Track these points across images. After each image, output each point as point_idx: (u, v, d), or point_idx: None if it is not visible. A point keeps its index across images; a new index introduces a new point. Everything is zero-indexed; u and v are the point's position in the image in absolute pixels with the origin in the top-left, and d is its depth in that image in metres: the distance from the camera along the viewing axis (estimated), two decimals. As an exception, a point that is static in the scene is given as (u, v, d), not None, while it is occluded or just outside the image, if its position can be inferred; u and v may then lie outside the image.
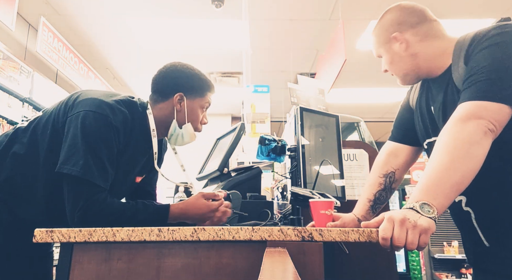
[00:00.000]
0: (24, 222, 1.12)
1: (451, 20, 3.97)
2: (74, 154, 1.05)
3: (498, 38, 0.95)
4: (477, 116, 0.88)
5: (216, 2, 3.65)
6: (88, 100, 1.13)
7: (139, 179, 1.35)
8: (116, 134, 1.12)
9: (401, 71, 1.17)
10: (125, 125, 1.16)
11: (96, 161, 1.06)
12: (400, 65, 1.16)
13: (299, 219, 1.32)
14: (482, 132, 0.87)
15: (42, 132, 1.15)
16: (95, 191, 1.06)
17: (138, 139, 1.24)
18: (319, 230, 0.81)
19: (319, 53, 4.69)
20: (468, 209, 1.06)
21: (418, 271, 4.12)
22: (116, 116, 1.13)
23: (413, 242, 0.77)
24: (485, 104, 0.89)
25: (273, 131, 5.20)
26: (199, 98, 1.31)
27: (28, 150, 1.14)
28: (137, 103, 1.27)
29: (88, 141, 1.06)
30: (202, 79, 1.31)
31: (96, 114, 1.09)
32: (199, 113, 1.32)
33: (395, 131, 1.33)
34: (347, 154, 1.64)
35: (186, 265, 0.82)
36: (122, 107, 1.17)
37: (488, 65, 0.93)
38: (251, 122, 4.42)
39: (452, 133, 0.89)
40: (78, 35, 4.42)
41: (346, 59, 3.06)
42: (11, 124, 3.61)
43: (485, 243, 1.01)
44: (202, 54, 4.78)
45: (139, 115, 1.25)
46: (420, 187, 0.85)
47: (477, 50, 0.97)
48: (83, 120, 1.08)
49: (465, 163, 0.85)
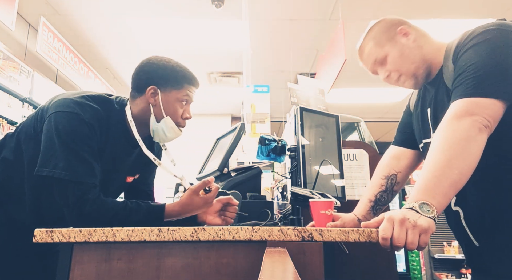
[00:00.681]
0: (18, 222, 1.15)
1: (451, 20, 3.97)
2: (52, 155, 1.05)
3: (483, 35, 0.96)
4: (471, 113, 0.88)
5: (216, 2, 3.65)
6: (58, 101, 1.13)
7: (130, 179, 1.33)
8: (92, 129, 1.11)
9: (412, 63, 1.12)
10: (98, 121, 1.14)
11: (78, 158, 1.06)
12: (410, 57, 1.12)
13: (299, 219, 1.32)
14: (477, 128, 0.87)
15: (24, 138, 1.16)
16: (84, 189, 1.06)
17: (117, 137, 1.22)
18: (319, 230, 0.81)
19: (319, 53, 4.69)
20: (457, 209, 1.06)
21: (418, 271, 4.12)
22: (86, 112, 1.11)
23: (413, 242, 0.77)
24: (477, 100, 0.90)
25: (273, 131, 5.19)
26: (176, 90, 1.24)
27: (15, 155, 1.16)
28: (113, 100, 1.25)
29: (64, 141, 1.06)
30: (178, 70, 1.25)
31: (66, 114, 1.09)
32: (177, 106, 1.25)
33: (397, 135, 1.34)
34: (347, 154, 1.64)
35: (186, 265, 0.82)
36: (92, 103, 1.15)
37: (476, 62, 0.93)
38: (251, 122, 4.42)
39: (447, 131, 0.89)
40: (78, 35, 4.42)
41: (346, 59, 3.07)
42: (11, 124, 3.61)
43: (475, 243, 1.02)
44: (202, 54, 4.78)
45: (116, 112, 1.23)
46: (418, 186, 0.85)
47: (464, 49, 0.99)
48: (55, 121, 1.08)
49: (462, 161, 0.85)
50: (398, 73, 1.15)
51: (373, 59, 1.18)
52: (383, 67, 1.17)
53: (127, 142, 1.25)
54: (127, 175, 1.32)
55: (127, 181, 1.33)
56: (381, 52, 1.16)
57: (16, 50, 3.98)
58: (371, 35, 1.18)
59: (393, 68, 1.14)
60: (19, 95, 3.70)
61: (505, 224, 0.95)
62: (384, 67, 1.17)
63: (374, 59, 1.17)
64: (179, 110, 1.26)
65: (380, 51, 1.16)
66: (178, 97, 1.25)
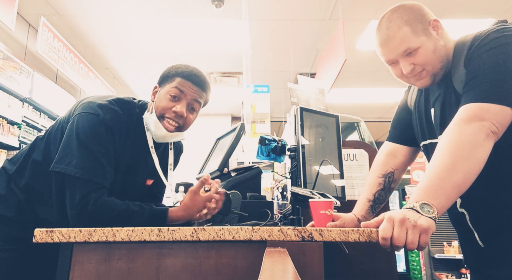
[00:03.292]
0: (47, 222, 1.17)
1: (451, 20, 3.97)
2: (68, 153, 1.09)
3: (498, 41, 0.95)
4: (480, 118, 0.88)
5: (216, 2, 3.65)
6: (83, 104, 1.17)
7: (150, 182, 1.35)
8: (110, 131, 1.14)
9: (441, 61, 1.05)
10: (119, 123, 1.18)
11: (91, 158, 1.09)
12: (441, 53, 1.04)
13: (299, 219, 1.32)
14: (484, 134, 0.87)
15: (53, 140, 1.20)
16: (91, 189, 1.07)
17: (137, 140, 1.25)
18: (319, 230, 0.81)
19: (319, 53, 4.69)
20: (463, 211, 1.06)
21: (418, 271, 4.12)
22: (107, 114, 1.15)
23: (413, 242, 0.77)
24: (487, 106, 0.89)
25: (273, 131, 5.20)
26: (168, 84, 1.26)
27: (44, 157, 1.19)
28: (135, 103, 1.28)
29: (82, 141, 1.10)
30: (177, 67, 1.27)
31: (87, 115, 1.13)
32: (166, 98, 1.23)
33: (392, 131, 1.32)
34: (347, 154, 1.64)
35: (186, 265, 0.82)
36: (114, 106, 1.19)
37: (490, 67, 0.93)
38: (251, 122, 4.41)
39: (454, 134, 0.89)
40: (78, 35, 4.42)
41: (346, 59, 3.07)
42: (11, 124, 3.61)
43: (480, 244, 1.02)
44: (202, 54, 4.78)
45: (137, 116, 1.26)
46: (421, 187, 0.85)
47: (478, 53, 0.97)
48: (77, 122, 1.12)
49: (467, 165, 0.85)
50: (422, 67, 1.05)
51: (405, 46, 1.04)
52: (409, 58, 1.05)
53: (146, 145, 1.27)
54: (147, 178, 1.33)
55: (147, 184, 1.34)
56: (417, 41, 1.03)
57: (16, 50, 3.98)
58: (404, 19, 1.04)
59: (423, 62, 1.04)
60: (19, 95, 3.70)
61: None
62: (411, 58, 1.05)
63: (406, 47, 1.04)
64: (167, 102, 1.23)
65: (415, 40, 1.03)
66: (168, 90, 1.24)
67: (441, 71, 1.07)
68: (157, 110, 1.24)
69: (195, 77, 1.26)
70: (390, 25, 1.05)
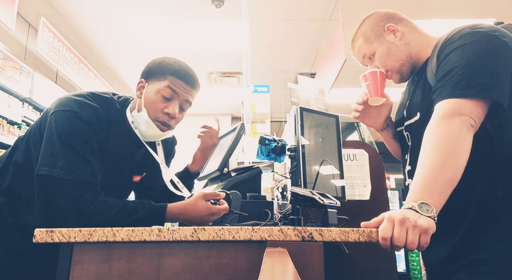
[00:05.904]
0: (26, 224, 1.14)
1: (450, 20, 3.97)
2: (51, 154, 1.05)
3: (469, 37, 0.99)
4: (459, 113, 0.92)
5: (216, 2, 3.65)
6: (57, 101, 1.13)
7: (137, 178, 1.33)
8: (91, 128, 1.10)
9: (398, 61, 1.19)
10: (98, 119, 1.13)
11: (77, 157, 1.06)
12: (397, 54, 1.18)
13: (299, 219, 1.32)
14: (466, 128, 0.91)
15: (33, 140, 1.16)
16: (84, 189, 1.05)
17: (119, 136, 1.21)
18: (319, 230, 0.81)
19: (319, 53, 4.69)
20: None
21: (418, 271, 4.11)
22: (84, 110, 1.10)
23: (413, 242, 0.77)
24: (464, 101, 0.93)
25: (273, 131, 5.20)
26: (158, 81, 1.19)
27: (25, 158, 1.16)
28: (114, 100, 1.23)
29: (63, 140, 1.06)
30: (167, 63, 1.21)
31: (65, 112, 1.09)
32: (157, 98, 1.18)
33: None
34: (347, 154, 1.64)
35: (186, 265, 0.82)
36: (92, 102, 1.14)
37: (463, 63, 0.96)
38: (251, 122, 4.41)
39: (439, 130, 0.91)
40: (78, 35, 4.42)
41: (346, 59, 3.07)
42: (11, 124, 3.61)
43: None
44: (202, 54, 4.78)
45: (117, 112, 1.22)
46: (415, 186, 0.85)
47: (450, 49, 1.01)
48: (55, 121, 1.08)
49: (457, 159, 0.88)
50: (385, 68, 1.21)
51: (362, 54, 1.25)
52: (371, 62, 1.24)
53: (130, 141, 1.24)
54: (133, 175, 1.31)
55: (134, 180, 1.32)
56: (370, 48, 1.22)
57: (16, 50, 3.98)
58: (362, 30, 1.24)
59: (380, 64, 1.21)
60: (19, 95, 3.70)
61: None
62: (372, 62, 1.24)
63: (363, 55, 1.25)
64: (158, 103, 1.18)
65: (368, 47, 1.22)
66: (158, 89, 1.18)
67: (404, 68, 1.19)
68: (149, 110, 1.18)
69: (189, 77, 1.22)
70: (353, 38, 1.28)
